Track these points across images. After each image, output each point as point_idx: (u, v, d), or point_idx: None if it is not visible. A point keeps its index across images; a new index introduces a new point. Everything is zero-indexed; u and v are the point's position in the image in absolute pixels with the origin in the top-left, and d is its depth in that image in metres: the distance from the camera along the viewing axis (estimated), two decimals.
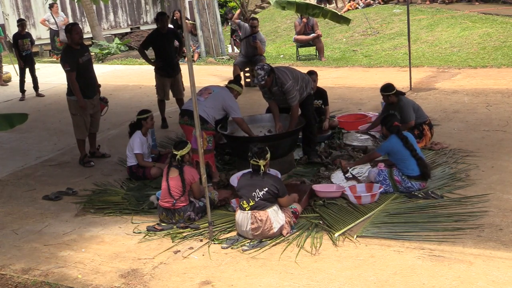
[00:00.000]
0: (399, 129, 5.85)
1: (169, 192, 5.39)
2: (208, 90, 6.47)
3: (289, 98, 6.46)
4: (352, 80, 11.28)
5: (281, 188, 5.03)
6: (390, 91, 6.95)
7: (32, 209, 6.19)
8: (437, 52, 12.98)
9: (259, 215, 4.92)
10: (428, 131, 6.94)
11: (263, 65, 6.45)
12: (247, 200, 4.98)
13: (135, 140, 6.70)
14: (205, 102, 6.27)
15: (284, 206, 5.08)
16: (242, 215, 4.99)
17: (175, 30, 9.03)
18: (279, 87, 6.49)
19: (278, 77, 6.46)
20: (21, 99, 11.90)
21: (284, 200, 5.04)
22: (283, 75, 6.47)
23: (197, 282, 4.40)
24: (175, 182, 5.39)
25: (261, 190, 4.95)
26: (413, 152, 5.72)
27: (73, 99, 7.28)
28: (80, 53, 7.22)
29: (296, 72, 6.73)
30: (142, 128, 6.79)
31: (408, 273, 4.26)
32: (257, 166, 5.05)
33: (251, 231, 4.95)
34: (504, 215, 5.06)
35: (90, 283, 4.52)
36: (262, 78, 6.35)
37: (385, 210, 5.36)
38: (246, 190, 5.03)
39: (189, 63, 4.85)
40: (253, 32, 10.67)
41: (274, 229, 4.95)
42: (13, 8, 17.70)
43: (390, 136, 5.84)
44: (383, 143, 5.97)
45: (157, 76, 8.94)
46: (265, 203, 4.95)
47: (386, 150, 5.86)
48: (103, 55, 16.49)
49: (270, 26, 19.30)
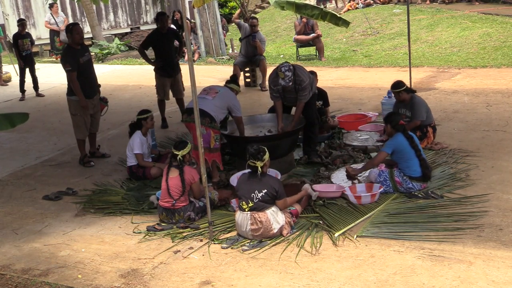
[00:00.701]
0: (405, 128, 5.84)
1: (169, 192, 5.39)
2: (214, 90, 6.48)
3: (302, 95, 6.56)
4: (352, 80, 11.28)
5: (280, 191, 5.01)
6: (400, 87, 6.93)
7: (32, 209, 6.19)
8: (437, 52, 12.98)
9: (258, 216, 4.92)
10: (432, 134, 6.93)
11: (289, 66, 6.48)
12: (246, 201, 4.98)
13: (135, 140, 6.70)
14: (213, 101, 6.28)
15: (281, 209, 5.05)
16: (242, 216, 5.00)
17: (175, 30, 9.05)
18: (296, 85, 6.54)
19: (297, 75, 6.51)
20: (21, 99, 11.89)
21: (280, 202, 5.02)
22: (302, 73, 6.57)
23: (197, 282, 4.40)
24: (175, 182, 5.39)
25: (260, 192, 4.94)
26: (418, 152, 5.71)
27: (73, 99, 7.28)
28: (81, 53, 7.22)
29: (308, 73, 6.84)
30: (142, 128, 6.78)
31: (408, 273, 4.26)
32: (255, 167, 5.04)
33: (250, 232, 4.95)
34: (504, 215, 5.06)
35: (90, 283, 4.52)
36: (289, 79, 6.41)
37: (385, 210, 5.36)
38: (245, 191, 5.02)
39: (190, 63, 4.85)
40: (253, 31, 10.68)
41: (274, 230, 4.95)
42: (13, 8, 17.70)
43: (396, 134, 5.79)
44: (389, 141, 5.87)
45: (157, 76, 8.93)
46: (264, 205, 4.95)
47: (392, 148, 5.76)
48: (103, 55, 16.49)
49: (270, 26, 19.30)
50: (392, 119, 5.92)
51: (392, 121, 5.90)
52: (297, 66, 6.74)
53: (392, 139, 5.82)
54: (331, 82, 11.01)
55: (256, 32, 10.74)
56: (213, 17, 14.90)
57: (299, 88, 6.55)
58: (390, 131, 5.92)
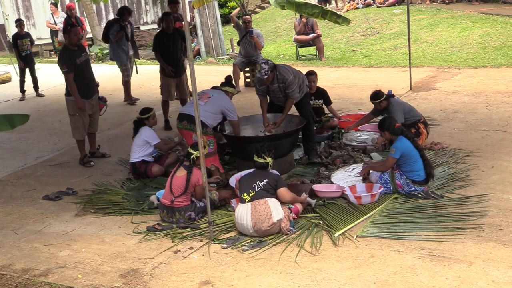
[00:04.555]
0: (404, 130, 5.82)
1: (171, 189, 5.41)
2: (206, 95, 6.49)
3: (290, 91, 6.59)
4: (352, 80, 11.28)
5: (280, 181, 5.16)
6: (380, 97, 6.93)
7: (32, 209, 6.20)
8: (437, 52, 12.98)
9: (258, 203, 4.97)
10: (424, 129, 6.93)
11: (268, 61, 6.57)
12: (247, 192, 5.06)
13: (146, 133, 6.69)
14: (205, 106, 6.29)
15: (283, 200, 5.09)
16: (242, 209, 5.03)
17: (181, 30, 9.02)
18: (280, 83, 6.57)
19: (279, 73, 6.55)
20: (21, 99, 11.90)
21: (282, 191, 5.08)
22: (285, 71, 6.59)
23: (197, 282, 4.40)
24: (179, 181, 5.40)
25: (262, 181, 5.06)
26: (421, 152, 5.69)
27: (72, 100, 7.28)
28: (78, 54, 7.22)
29: (296, 70, 6.83)
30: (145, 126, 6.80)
31: (408, 273, 4.26)
32: (265, 163, 5.18)
33: (250, 223, 4.95)
34: (504, 215, 5.06)
35: (90, 283, 4.52)
36: (265, 72, 6.43)
37: (385, 210, 5.36)
38: (247, 184, 5.13)
39: (190, 63, 4.84)
40: (247, 27, 10.73)
41: (273, 218, 4.94)
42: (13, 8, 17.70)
43: (399, 138, 5.70)
44: (395, 145, 5.68)
45: (162, 76, 8.96)
46: (265, 193, 5.02)
47: (401, 151, 5.62)
48: (103, 55, 16.49)
49: (270, 26, 19.29)
50: (388, 125, 5.88)
51: (388, 127, 5.87)
52: (280, 65, 6.79)
53: (398, 144, 5.68)
54: (331, 82, 11.02)
55: (251, 28, 10.81)
56: (213, 17, 14.91)
57: (284, 86, 6.59)
58: (389, 137, 5.89)
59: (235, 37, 15.46)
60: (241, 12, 12.54)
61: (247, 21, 10.79)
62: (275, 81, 6.57)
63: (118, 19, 10.13)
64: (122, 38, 10.11)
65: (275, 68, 6.55)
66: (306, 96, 6.93)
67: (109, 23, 10.43)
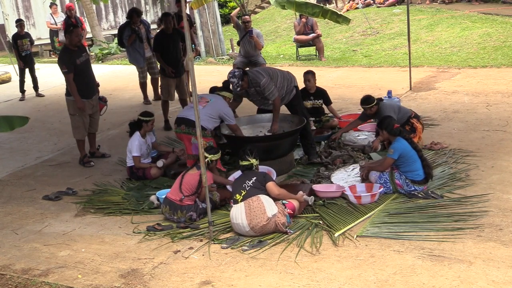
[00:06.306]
0: (402, 130, 5.81)
1: (180, 187, 5.41)
2: (204, 99, 6.50)
3: (267, 94, 6.57)
4: (352, 80, 11.28)
5: (267, 176, 5.30)
6: (371, 102, 6.90)
7: (32, 209, 6.19)
8: (437, 52, 12.98)
9: (251, 200, 5.02)
10: (417, 123, 6.91)
11: (234, 72, 6.54)
12: (239, 192, 5.15)
13: (134, 143, 6.71)
14: (204, 110, 6.29)
15: (271, 193, 5.15)
16: (236, 209, 5.08)
17: (180, 31, 9.02)
18: (256, 87, 6.59)
19: (252, 78, 6.56)
20: (21, 99, 11.90)
21: (270, 184, 5.17)
22: (256, 75, 6.60)
23: (197, 282, 4.40)
24: (190, 180, 5.42)
25: (250, 179, 5.17)
26: (419, 152, 5.69)
27: (72, 100, 7.28)
28: (78, 54, 7.22)
29: (275, 70, 6.84)
30: (141, 129, 6.78)
31: (408, 273, 4.26)
32: (249, 164, 5.32)
33: (246, 221, 4.96)
34: (504, 215, 5.06)
35: (90, 283, 4.51)
36: (237, 85, 6.47)
37: (385, 210, 5.36)
38: (237, 185, 5.24)
39: (190, 64, 4.84)
40: (247, 27, 10.73)
41: (268, 213, 4.94)
42: (13, 8, 17.70)
43: (397, 139, 5.71)
44: (394, 146, 5.70)
45: (162, 76, 8.96)
46: (257, 191, 5.10)
47: (399, 152, 5.64)
48: (103, 55, 16.50)
49: (270, 26, 19.29)
50: (387, 124, 5.88)
51: (387, 127, 5.87)
52: (250, 70, 6.81)
53: (396, 145, 5.69)
54: (331, 82, 11.02)
55: (251, 28, 10.81)
56: (213, 17, 14.91)
57: (260, 90, 6.57)
58: (387, 137, 5.89)
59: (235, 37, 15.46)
60: (241, 12, 12.53)
61: (246, 21, 10.78)
62: (250, 85, 6.59)
63: (129, 21, 9.99)
64: (135, 41, 9.97)
65: (246, 74, 6.55)
66: (297, 97, 6.91)
67: (121, 27, 10.23)
